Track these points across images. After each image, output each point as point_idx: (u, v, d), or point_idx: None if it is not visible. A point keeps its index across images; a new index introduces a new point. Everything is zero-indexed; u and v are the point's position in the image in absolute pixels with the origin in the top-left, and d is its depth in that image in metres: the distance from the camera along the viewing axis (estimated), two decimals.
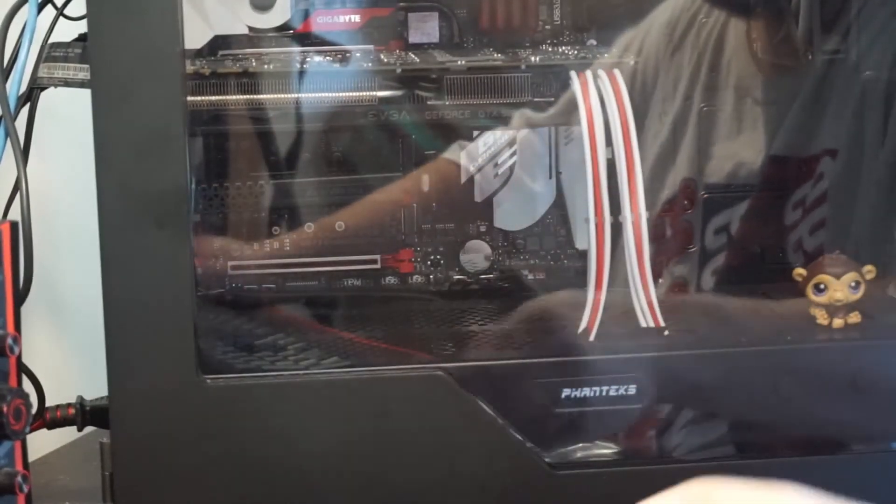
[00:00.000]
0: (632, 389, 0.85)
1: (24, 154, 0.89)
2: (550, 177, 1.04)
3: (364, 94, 0.93)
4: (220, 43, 0.94)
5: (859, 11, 0.99)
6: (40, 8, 0.89)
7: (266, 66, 0.93)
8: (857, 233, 0.98)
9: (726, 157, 1.01)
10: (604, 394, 0.84)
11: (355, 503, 0.82)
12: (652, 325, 0.86)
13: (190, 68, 0.87)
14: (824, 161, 0.99)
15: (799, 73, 1.00)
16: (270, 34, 0.95)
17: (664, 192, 1.00)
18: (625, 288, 0.86)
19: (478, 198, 1.03)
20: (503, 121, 0.98)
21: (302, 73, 0.94)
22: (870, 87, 0.98)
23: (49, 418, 0.92)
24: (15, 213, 0.87)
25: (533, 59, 0.93)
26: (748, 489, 0.65)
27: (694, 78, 1.01)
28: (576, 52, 0.96)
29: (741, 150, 1.00)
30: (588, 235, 0.86)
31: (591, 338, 0.86)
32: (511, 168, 1.03)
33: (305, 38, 0.97)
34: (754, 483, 0.65)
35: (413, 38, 0.98)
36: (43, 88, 0.91)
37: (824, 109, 0.98)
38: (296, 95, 0.94)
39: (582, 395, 0.84)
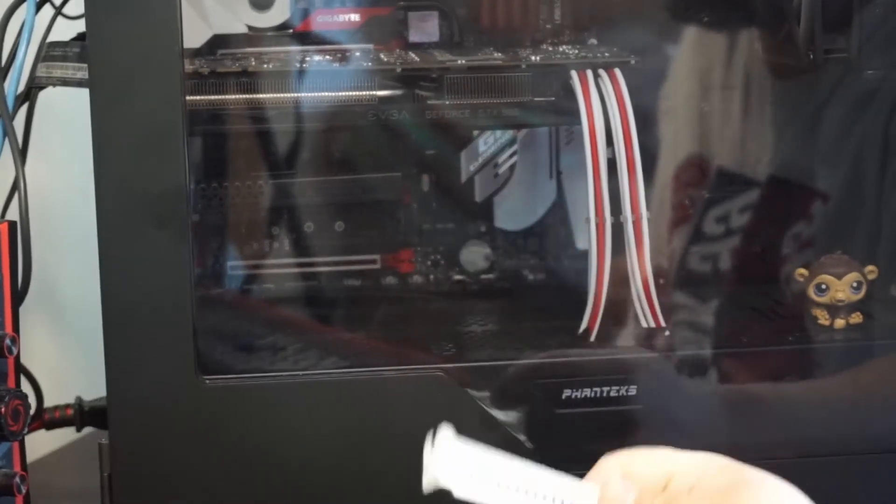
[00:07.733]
0: (632, 390, 0.84)
1: (22, 154, 0.89)
2: (551, 177, 1.04)
3: (364, 93, 0.93)
4: (219, 42, 0.94)
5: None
6: (38, 7, 0.89)
7: (265, 66, 0.92)
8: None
9: (736, 152, 1.00)
10: (604, 394, 0.84)
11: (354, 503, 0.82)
12: (653, 325, 0.86)
13: (189, 67, 0.87)
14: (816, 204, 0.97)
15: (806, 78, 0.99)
16: (270, 33, 0.95)
17: (671, 189, 0.99)
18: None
19: (478, 198, 1.03)
20: (503, 120, 0.98)
21: (301, 72, 0.94)
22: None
23: (47, 419, 0.92)
24: (13, 213, 0.87)
25: (533, 58, 0.93)
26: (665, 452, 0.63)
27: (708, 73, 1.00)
28: (576, 51, 0.95)
29: (751, 146, 1.00)
30: (588, 235, 0.85)
31: (592, 338, 0.86)
32: (511, 168, 1.03)
33: (305, 38, 0.96)
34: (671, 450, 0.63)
35: (413, 37, 0.98)
36: (41, 88, 0.91)
37: (834, 117, 0.97)
38: (295, 95, 0.94)
39: (583, 395, 0.84)
